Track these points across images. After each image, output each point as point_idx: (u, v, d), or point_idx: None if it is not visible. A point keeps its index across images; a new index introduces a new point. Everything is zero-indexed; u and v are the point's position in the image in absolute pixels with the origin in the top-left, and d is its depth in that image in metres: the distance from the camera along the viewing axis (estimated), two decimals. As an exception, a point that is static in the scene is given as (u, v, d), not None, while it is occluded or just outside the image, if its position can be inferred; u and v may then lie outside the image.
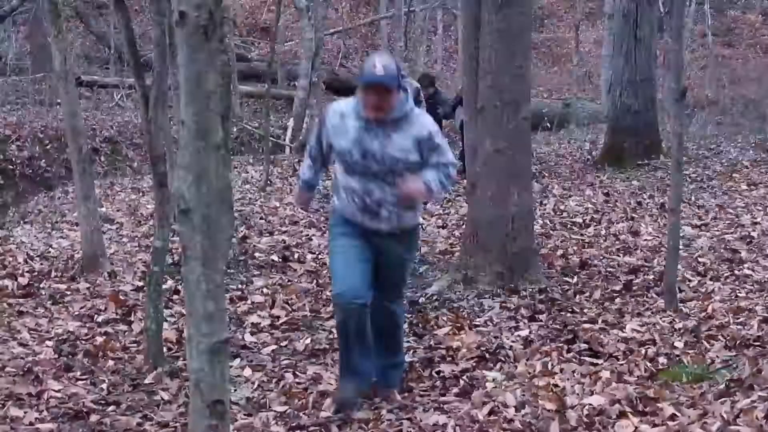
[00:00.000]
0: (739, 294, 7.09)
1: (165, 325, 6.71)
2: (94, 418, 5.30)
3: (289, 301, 7.78)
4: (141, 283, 8.41)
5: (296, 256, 9.35)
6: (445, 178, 5.09)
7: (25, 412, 5.34)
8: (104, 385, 5.93)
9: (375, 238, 5.18)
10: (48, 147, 17.88)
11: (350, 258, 5.11)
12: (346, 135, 5.03)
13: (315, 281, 8.42)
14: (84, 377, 6.12)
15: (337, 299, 5.18)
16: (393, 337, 5.60)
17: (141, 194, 14.59)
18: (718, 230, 9.74)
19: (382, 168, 5.00)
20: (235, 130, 18.14)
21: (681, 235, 7.51)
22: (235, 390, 5.69)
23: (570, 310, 7.15)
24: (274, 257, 9.55)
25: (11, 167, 17.20)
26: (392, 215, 5.10)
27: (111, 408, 5.51)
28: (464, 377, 5.74)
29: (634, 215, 11.01)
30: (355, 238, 5.15)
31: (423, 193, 5.08)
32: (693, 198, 11.70)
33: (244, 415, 5.33)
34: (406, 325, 6.36)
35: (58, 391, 5.77)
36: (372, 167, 5.00)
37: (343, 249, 5.17)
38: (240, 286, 8.42)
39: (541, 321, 6.88)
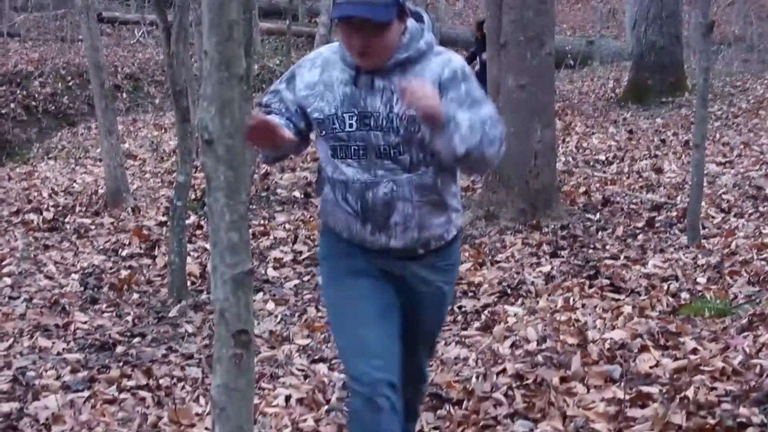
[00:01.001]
0: (762, 230, 7.05)
1: (188, 259, 6.78)
2: (120, 349, 5.39)
3: (311, 237, 7.81)
4: (164, 218, 8.49)
5: (318, 191, 9.37)
6: (487, 125, 2.97)
7: (53, 343, 5.45)
8: (129, 318, 6.02)
9: (388, 265, 3.23)
10: (70, 83, 17.93)
11: (365, 316, 3.15)
12: (332, 94, 3.13)
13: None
14: (109, 309, 6.21)
15: (356, 385, 3.11)
16: (414, 411, 3.63)
17: (163, 131, 14.63)
18: (742, 167, 9.67)
19: (389, 139, 3.06)
20: (256, 67, 18.06)
21: (705, 172, 7.46)
22: (259, 323, 5.75)
23: (592, 246, 7.15)
24: (296, 193, 9.59)
25: (34, 103, 17.27)
26: (410, 222, 3.12)
27: (136, 339, 5.60)
28: (486, 312, 5.77)
29: (657, 153, 10.95)
30: (362, 276, 3.21)
31: (432, 105, 2.88)
32: (718, 135, 11.60)
33: (268, 347, 5.39)
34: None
35: (85, 322, 5.88)
36: (375, 140, 3.07)
37: (349, 302, 3.21)
38: (262, 221, 8.47)
39: (563, 257, 6.89)
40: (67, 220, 8.92)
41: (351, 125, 3.09)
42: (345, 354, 3.21)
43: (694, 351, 4.55)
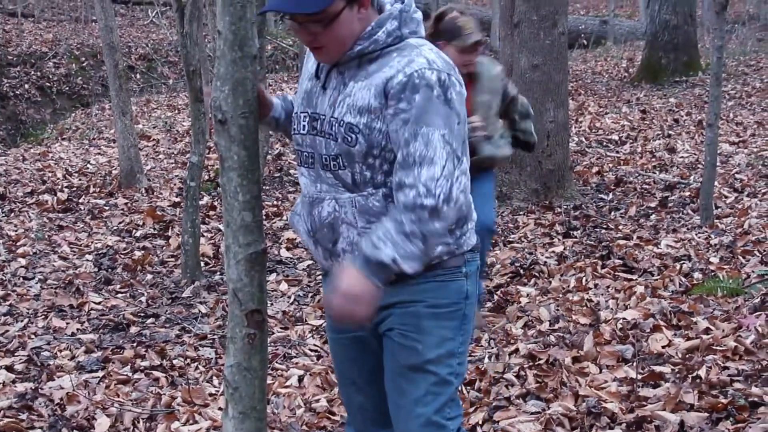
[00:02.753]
0: (776, 210, 7.04)
1: (202, 240, 6.79)
2: (133, 329, 5.41)
3: (325, 217, 7.80)
4: (177, 199, 8.51)
5: (331, 172, 9.37)
6: (416, 223, 2.38)
7: (67, 323, 5.47)
8: (143, 298, 6.04)
9: None
10: (84, 64, 17.95)
11: (342, 377, 2.88)
12: (301, 88, 2.72)
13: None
14: (123, 290, 6.23)
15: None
16: None
17: (176, 111, 14.64)
18: (756, 146, 9.64)
19: (330, 148, 2.55)
20: (269, 47, 18.05)
21: (718, 151, 7.43)
22: (272, 304, 5.76)
23: (605, 226, 7.14)
24: (309, 174, 9.58)
25: (48, 84, 17.29)
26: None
27: (150, 320, 5.62)
28: (499, 292, 5.77)
29: (670, 132, 10.91)
30: (334, 331, 2.81)
31: (365, 297, 2.40)
32: (731, 114, 11.55)
33: (281, 328, 5.41)
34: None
35: (99, 303, 5.90)
36: (319, 147, 2.58)
37: (333, 355, 2.92)
38: (275, 202, 8.48)
39: (576, 237, 6.89)
40: (81, 200, 8.95)
41: (303, 127, 2.63)
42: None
43: (707, 330, 4.55)
